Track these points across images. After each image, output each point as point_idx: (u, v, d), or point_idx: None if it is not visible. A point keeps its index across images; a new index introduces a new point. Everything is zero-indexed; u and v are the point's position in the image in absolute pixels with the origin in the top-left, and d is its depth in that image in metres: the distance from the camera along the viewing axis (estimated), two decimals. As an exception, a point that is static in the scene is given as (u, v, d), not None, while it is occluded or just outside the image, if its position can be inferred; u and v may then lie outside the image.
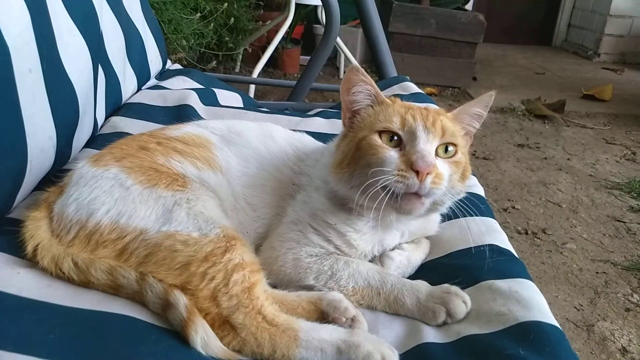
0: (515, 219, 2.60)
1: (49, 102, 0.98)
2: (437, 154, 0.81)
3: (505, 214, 2.64)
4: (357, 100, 0.87)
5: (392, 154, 0.79)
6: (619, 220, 2.62)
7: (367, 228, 0.87)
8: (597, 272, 2.22)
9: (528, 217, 2.62)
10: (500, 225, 1.04)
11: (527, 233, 2.48)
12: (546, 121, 4.02)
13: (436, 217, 0.98)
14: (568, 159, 3.35)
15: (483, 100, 0.88)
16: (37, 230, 0.81)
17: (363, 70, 0.86)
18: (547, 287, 2.11)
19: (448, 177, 0.80)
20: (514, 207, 2.71)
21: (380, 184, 0.77)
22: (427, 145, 0.80)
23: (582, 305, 2.02)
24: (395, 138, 0.82)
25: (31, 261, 0.79)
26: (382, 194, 0.77)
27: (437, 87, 4.63)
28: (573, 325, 1.91)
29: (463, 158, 0.85)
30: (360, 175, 0.81)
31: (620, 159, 3.41)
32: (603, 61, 5.94)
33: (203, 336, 0.68)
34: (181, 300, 0.70)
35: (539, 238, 2.45)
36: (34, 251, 0.79)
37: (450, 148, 0.83)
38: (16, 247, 0.81)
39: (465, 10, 4.84)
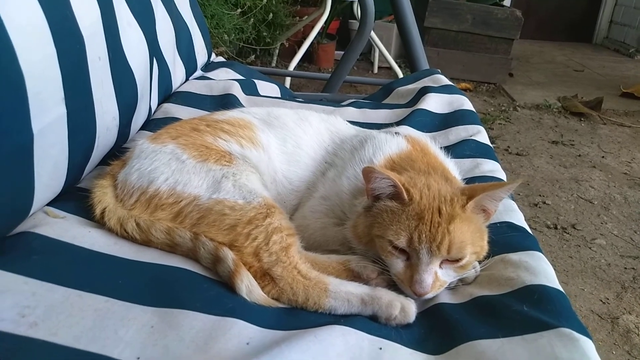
0: (545, 214, 2.61)
1: (114, 87, 1.11)
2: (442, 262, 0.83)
3: (535, 209, 2.65)
4: (377, 187, 0.86)
5: (398, 262, 0.83)
6: (651, 218, 2.60)
7: None
8: (625, 268, 2.22)
9: (558, 213, 2.63)
10: (529, 219, 1.07)
11: (556, 228, 2.49)
12: (582, 119, 3.97)
13: None
14: (603, 157, 3.32)
15: (510, 186, 0.86)
16: (104, 196, 0.94)
17: (379, 167, 0.88)
18: (573, 280, 2.14)
19: (452, 278, 0.84)
20: (544, 203, 2.72)
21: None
22: (429, 266, 0.80)
23: (608, 299, 2.03)
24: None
25: (99, 223, 0.92)
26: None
27: (473, 82, 4.63)
28: (597, 317, 1.93)
29: (473, 257, 0.84)
30: (375, 251, 0.87)
31: (658, 158, 3.36)
32: (646, 59, 5.80)
33: (247, 285, 0.79)
34: (229, 255, 0.82)
35: (568, 233, 2.46)
36: (102, 214, 0.91)
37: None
38: (86, 211, 0.94)
39: (502, 5, 4.81)
